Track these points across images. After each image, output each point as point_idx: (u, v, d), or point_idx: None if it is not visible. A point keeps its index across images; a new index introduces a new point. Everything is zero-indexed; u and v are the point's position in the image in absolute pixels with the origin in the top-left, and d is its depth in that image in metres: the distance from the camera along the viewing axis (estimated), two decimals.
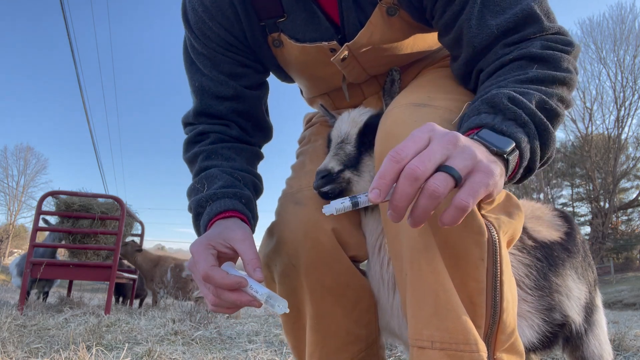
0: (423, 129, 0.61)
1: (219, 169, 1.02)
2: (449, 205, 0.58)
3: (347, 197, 0.64)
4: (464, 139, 0.60)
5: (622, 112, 27.25)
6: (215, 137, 1.09)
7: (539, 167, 0.73)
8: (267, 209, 1.16)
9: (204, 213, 0.95)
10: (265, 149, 1.24)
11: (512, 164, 0.64)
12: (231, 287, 0.77)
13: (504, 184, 0.66)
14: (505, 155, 0.63)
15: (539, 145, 0.68)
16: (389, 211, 0.59)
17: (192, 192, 1.01)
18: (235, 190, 0.97)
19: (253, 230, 0.98)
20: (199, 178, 1.01)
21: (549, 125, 0.69)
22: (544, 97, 0.71)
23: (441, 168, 0.57)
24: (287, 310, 0.75)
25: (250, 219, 0.97)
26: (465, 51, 0.88)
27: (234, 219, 0.92)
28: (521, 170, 0.68)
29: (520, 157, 0.66)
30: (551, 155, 0.73)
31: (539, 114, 0.69)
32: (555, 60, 0.77)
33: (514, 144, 0.65)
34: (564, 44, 0.80)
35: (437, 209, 0.72)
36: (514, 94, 0.69)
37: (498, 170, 0.60)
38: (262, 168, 1.20)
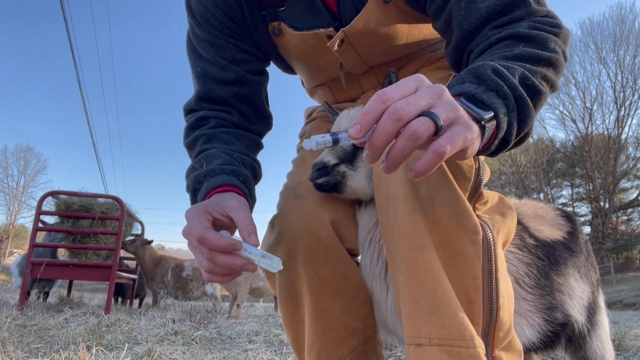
0: (412, 78, 0.62)
1: (218, 150, 1.03)
2: (425, 152, 0.58)
3: (329, 133, 0.62)
4: (449, 94, 0.61)
5: (622, 112, 27.26)
6: (216, 122, 1.10)
7: (515, 144, 0.73)
8: (269, 209, 1.16)
9: (201, 188, 0.95)
10: (266, 146, 1.25)
11: (488, 132, 0.65)
12: (225, 249, 0.76)
13: (479, 153, 0.68)
14: (483, 122, 0.63)
15: (516, 119, 0.69)
16: (366, 151, 0.58)
17: (190, 171, 1.02)
18: (233, 168, 0.98)
19: (250, 209, 0.98)
20: (197, 158, 1.02)
21: (529, 100, 0.70)
22: (527, 73, 0.72)
23: (424, 114, 0.57)
24: (281, 267, 0.75)
25: (247, 196, 0.97)
26: (455, 34, 0.90)
27: (230, 193, 0.93)
28: (496, 142, 0.69)
29: (497, 127, 0.67)
30: (529, 132, 0.73)
31: (520, 88, 0.69)
32: (542, 40, 0.78)
33: (493, 114, 0.65)
34: (552, 25, 0.81)
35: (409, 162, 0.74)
36: (499, 66, 0.70)
37: (476, 129, 0.61)
38: (264, 167, 1.20)
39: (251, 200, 1.00)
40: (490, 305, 0.78)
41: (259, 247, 0.79)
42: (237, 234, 0.87)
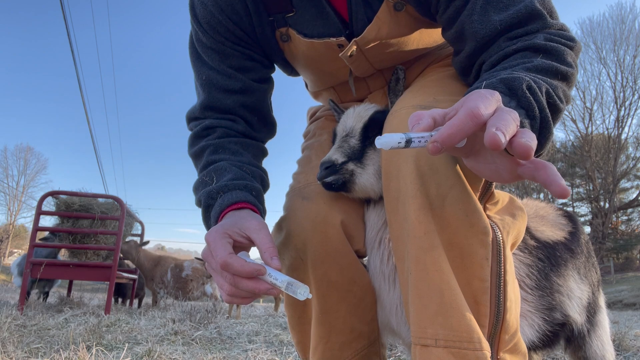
0: (494, 97, 0.59)
1: (227, 162, 1.01)
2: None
3: (403, 134, 0.58)
4: None
5: (622, 112, 27.26)
6: (222, 132, 1.08)
7: None
8: (271, 209, 1.16)
9: (214, 205, 0.94)
10: (269, 146, 1.24)
11: None
12: (250, 275, 0.75)
13: None
14: None
15: (536, 141, 0.68)
16: (435, 143, 0.55)
17: (200, 185, 1.00)
18: (246, 183, 0.97)
19: None
20: (207, 171, 1.00)
21: (552, 124, 0.69)
22: (550, 89, 0.71)
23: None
24: (310, 296, 0.74)
25: (261, 211, 0.96)
26: (468, 45, 0.89)
27: (246, 210, 0.92)
28: None
29: None
30: (543, 153, 0.73)
31: (547, 110, 0.68)
32: (559, 53, 0.77)
33: None
34: (567, 39, 0.81)
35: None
36: (533, 83, 0.69)
37: None
38: (267, 166, 1.20)
39: (263, 214, 1.00)
40: (497, 308, 0.78)
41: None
42: (253, 250, 0.86)
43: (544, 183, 0.56)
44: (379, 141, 0.58)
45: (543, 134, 0.69)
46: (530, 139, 0.54)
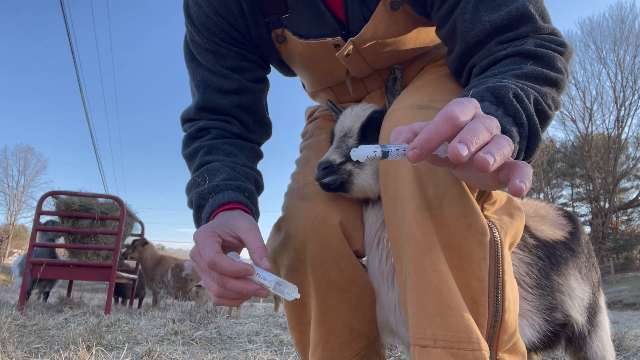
0: (472, 103, 0.59)
1: (220, 163, 1.00)
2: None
3: (379, 145, 0.58)
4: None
5: (622, 112, 27.29)
6: (216, 133, 1.08)
7: None
8: (268, 209, 1.15)
9: (205, 205, 0.93)
10: (267, 145, 1.24)
11: None
12: (238, 275, 0.73)
13: None
14: None
15: (524, 148, 0.69)
16: (416, 150, 0.55)
17: (192, 186, 0.99)
18: (239, 183, 0.96)
19: None
20: (199, 172, 1.00)
21: (540, 131, 0.70)
22: (539, 96, 0.71)
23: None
24: (298, 296, 0.72)
25: (253, 212, 0.95)
26: (458, 45, 0.89)
27: (238, 211, 0.91)
28: None
29: None
30: (532, 159, 0.73)
31: (534, 117, 0.69)
32: (549, 59, 0.77)
33: None
34: (558, 44, 0.81)
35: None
36: (520, 91, 0.69)
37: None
38: (265, 165, 1.20)
39: (256, 215, 0.98)
40: (495, 308, 0.78)
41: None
42: (244, 252, 0.85)
43: (507, 180, 0.56)
44: (354, 153, 0.59)
45: (532, 140, 0.69)
46: (496, 149, 0.54)
